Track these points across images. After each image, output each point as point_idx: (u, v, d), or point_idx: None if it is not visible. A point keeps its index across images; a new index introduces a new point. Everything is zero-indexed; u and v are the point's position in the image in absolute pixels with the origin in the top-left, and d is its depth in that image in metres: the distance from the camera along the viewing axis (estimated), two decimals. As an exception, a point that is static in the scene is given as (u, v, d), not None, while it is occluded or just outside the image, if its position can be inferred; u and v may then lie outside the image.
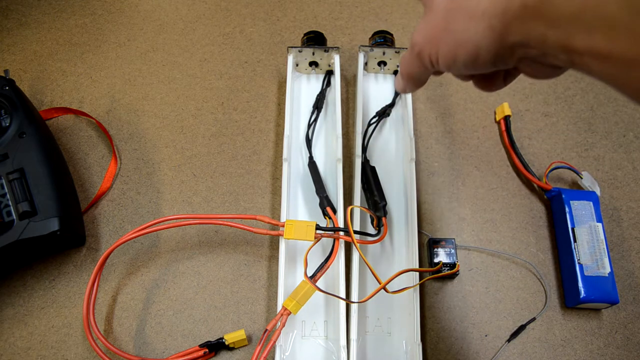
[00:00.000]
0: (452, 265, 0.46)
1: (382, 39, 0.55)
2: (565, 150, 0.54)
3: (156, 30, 0.61)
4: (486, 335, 0.46)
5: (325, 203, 0.46)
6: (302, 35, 0.56)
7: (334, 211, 0.46)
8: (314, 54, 0.53)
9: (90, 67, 0.58)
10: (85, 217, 0.50)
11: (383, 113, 0.53)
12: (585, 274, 0.45)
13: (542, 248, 0.50)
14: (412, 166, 0.48)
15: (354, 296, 0.42)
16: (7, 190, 0.43)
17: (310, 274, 0.41)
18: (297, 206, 0.49)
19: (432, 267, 0.46)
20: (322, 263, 0.42)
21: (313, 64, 0.55)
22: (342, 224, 0.44)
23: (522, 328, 0.46)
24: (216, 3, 0.63)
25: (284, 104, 0.52)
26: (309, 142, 0.51)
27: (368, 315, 0.45)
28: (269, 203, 0.51)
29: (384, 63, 0.55)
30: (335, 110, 0.51)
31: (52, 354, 0.44)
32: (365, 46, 0.54)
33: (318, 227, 0.43)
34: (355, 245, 0.42)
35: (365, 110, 0.54)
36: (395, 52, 0.53)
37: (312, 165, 0.49)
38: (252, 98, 0.57)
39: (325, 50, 0.53)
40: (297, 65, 0.55)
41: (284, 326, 0.40)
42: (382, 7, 0.63)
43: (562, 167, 0.52)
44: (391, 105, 0.53)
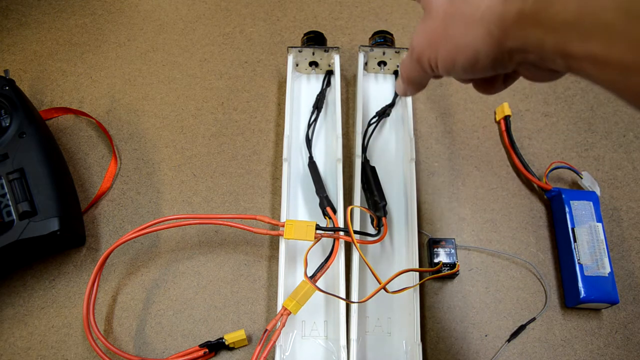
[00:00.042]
0: (452, 265, 0.46)
1: (382, 39, 0.55)
2: (565, 150, 0.54)
3: (156, 30, 0.61)
4: (486, 335, 0.46)
5: (325, 203, 0.46)
6: (302, 35, 0.56)
7: (334, 211, 0.46)
8: (314, 54, 0.53)
9: (90, 67, 0.58)
10: (85, 217, 0.50)
11: (383, 113, 0.53)
12: (585, 274, 0.45)
13: (542, 248, 0.50)
14: (412, 166, 0.48)
15: (354, 296, 0.42)
16: (7, 190, 0.43)
17: (310, 274, 0.41)
18: (297, 206, 0.49)
19: (432, 267, 0.46)
20: (322, 263, 0.42)
21: (313, 64, 0.55)
22: (342, 224, 0.44)
23: (522, 328, 0.46)
24: (216, 3, 0.63)
25: (284, 104, 0.52)
26: (309, 142, 0.51)
27: (368, 315, 0.45)
28: (269, 203, 0.51)
29: (384, 63, 0.55)
30: (335, 110, 0.51)
31: (52, 354, 0.44)
32: (365, 46, 0.54)
33: (318, 227, 0.43)
34: (355, 245, 0.42)
35: (365, 110, 0.54)
36: (395, 52, 0.53)
37: (312, 165, 0.49)
38: (252, 98, 0.57)
39: (325, 50, 0.53)
40: (297, 65, 0.55)
41: (284, 326, 0.40)
42: (382, 7, 0.63)
43: (562, 167, 0.52)
44: (391, 105, 0.53)
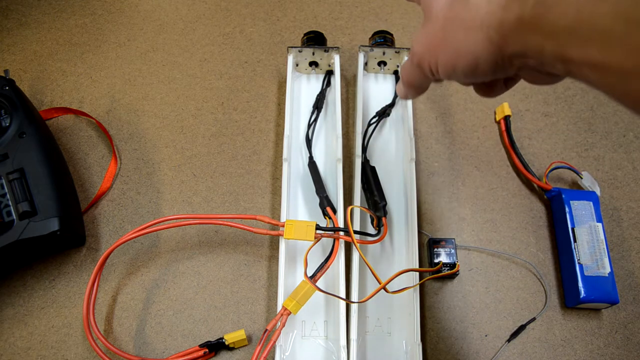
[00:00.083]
0: (452, 265, 0.46)
1: (382, 39, 0.55)
2: (565, 150, 0.54)
3: (156, 30, 0.61)
4: (486, 335, 0.46)
5: (325, 203, 0.46)
6: (302, 35, 0.56)
7: (334, 211, 0.46)
8: (314, 54, 0.53)
9: (90, 67, 0.58)
10: (85, 217, 0.50)
11: (383, 113, 0.53)
12: (585, 274, 0.45)
13: (542, 248, 0.50)
14: (412, 166, 0.48)
15: (354, 296, 0.42)
16: (7, 190, 0.43)
17: (310, 274, 0.41)
18: (297, 206, 0.49)
19: (432, 267, 0.46)
20: (322, 263, 0.42)
21: (313, 64, 0.55)
22: (342, 224, 0.44)
23: (522, 328, 0.46)
24: (216, 3, 0.63)
25: (284, 104, 0.52)
26: (309, 142, 0.51)
27: (368, 315, 0.45)
28: (269, 203, 0.51)
29: (384, 63, 0.55)
30: (335, 110, 0.51)
31: (52, 354, 0.44)
32: (365, 46, 0.54)
33: (318, 227, 0.43)
34: (355, 245, 0.42)
35: (365, 110, 0.54)
36: (395, 52, 0.53)
37: (312, 165, 0.49)
38: (252, 98, 0.57)
39: (325, 50, 0.53)
40: (297, 65, 0.55)
41: (284, 326, 0.40)
42: (382, 7, 0.63)
43: (562, 167, 0.52)
44: (391, 105, 0.53)
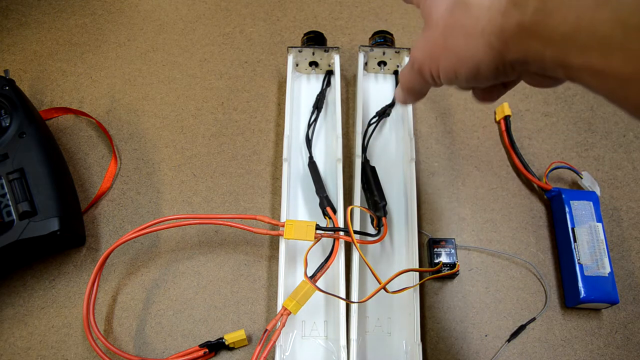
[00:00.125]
0: (452, 265, 0.46)
1: (382, 39, 0.55)
2: (565, 150, 0.54)
3: (156, 30, 0.61)
4: (486, 335, 0.46)
5: (325, 203, 0.46)
6: (302, 35, 0.56)
7: (334, 211, 0.46)
8: (314, 54, 0.53)
9: (90, 67, 0.58)
10: (85, 217, 0.50)
11: (383, 113, 0.53)
12: (585, 274, 0.45)
13: (542, 248, 0.50)
14: (412, 166, 0.48)
15: (354, 296, 0.42)
16: (7, 190, 0.43)
17: (310, 274, 0.41)
18: (297, 206, 0.49)
19: (432, 267, 0.46)
20: (322, 263, 0.42)
21: (313, 64, 0.55)
22: (342, 224, 0.44)
23: (522, 328, 0.46)
24: (216, 3, 0.63)
25: (284, 104, 0.52)
26: (309, 142, 0.51)
27: (368, 315, 0.45)
28: (269, 203, 0.51)
29: (384, 63, 0.55)
30: (335, 110, 0.51)
31: (52, 354, 0.44)
32: (365, 46, 0.54)
33: (318, 227, 0.43)
34: (355, 245, 0.42)
35: (365, 110, 0.54)
36: (395, 52, 0.53)
37: (312, 165, 0.49)
38: (252, 98, 0.57)
39: (325, 50, 0.53)
40: (297, 65, 0.55)
41: (284, 326, 0.40)
42: (382, 7, 0.63)
43: (562, 167, 0.52)
44: (391, 105, 0.53)
